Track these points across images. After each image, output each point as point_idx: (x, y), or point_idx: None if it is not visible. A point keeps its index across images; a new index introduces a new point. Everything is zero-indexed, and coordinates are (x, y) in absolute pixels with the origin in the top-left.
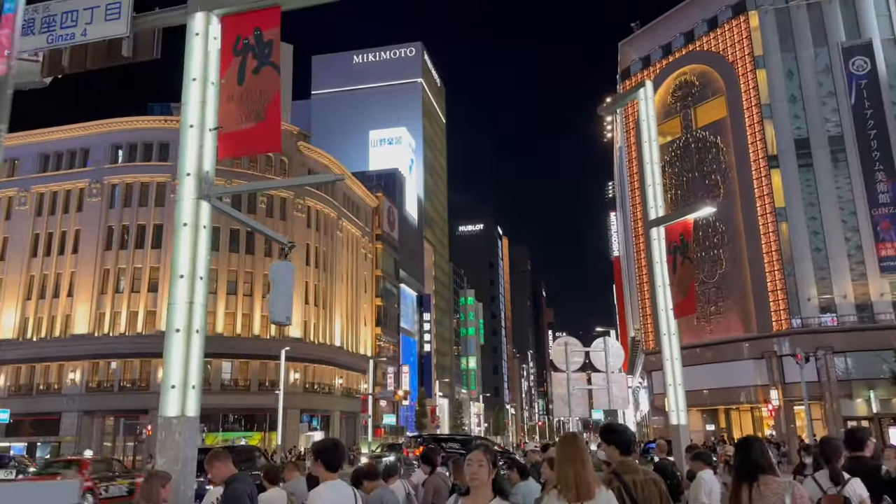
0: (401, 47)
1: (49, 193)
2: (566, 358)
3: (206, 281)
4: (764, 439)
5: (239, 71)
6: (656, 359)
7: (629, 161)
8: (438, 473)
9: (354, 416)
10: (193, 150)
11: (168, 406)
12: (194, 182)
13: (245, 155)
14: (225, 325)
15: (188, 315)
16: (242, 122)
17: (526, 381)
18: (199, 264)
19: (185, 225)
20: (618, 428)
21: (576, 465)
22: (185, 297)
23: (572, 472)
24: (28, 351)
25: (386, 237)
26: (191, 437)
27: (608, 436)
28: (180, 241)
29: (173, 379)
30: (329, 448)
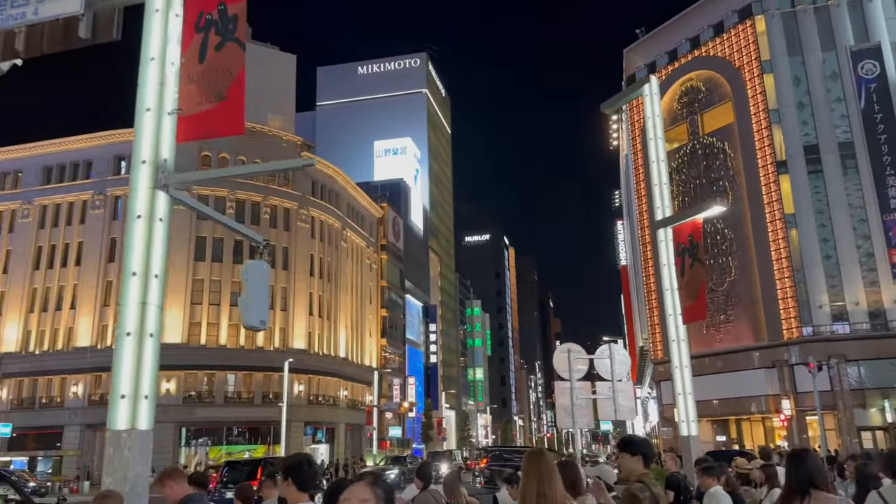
0: (406, 58)
1: (52, 206)
2: (569, 366)
3: (162, 280)
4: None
5: (200, 49)
6: (665, 369)
7: (635, 168)
8: (431, 491)
9: (360, 429)
10: (149, 135)
11: (117, 418)
12: (149, 170)
13: (205, 138)
14: (228, 336)
15: (140, 317)
16: (203, 104)
17: (534, 393)
18: (155, 261)
19: (139, 217)
20: (639, 440)
21: (541, 482)
22: (138, 296)
23: (534, 489)
24: (30, 364)
25: (391, 248)
26: (142, 453)
27: (629, 447)
28: (133, 235)
29: (123, 388)
30: (301, 464)
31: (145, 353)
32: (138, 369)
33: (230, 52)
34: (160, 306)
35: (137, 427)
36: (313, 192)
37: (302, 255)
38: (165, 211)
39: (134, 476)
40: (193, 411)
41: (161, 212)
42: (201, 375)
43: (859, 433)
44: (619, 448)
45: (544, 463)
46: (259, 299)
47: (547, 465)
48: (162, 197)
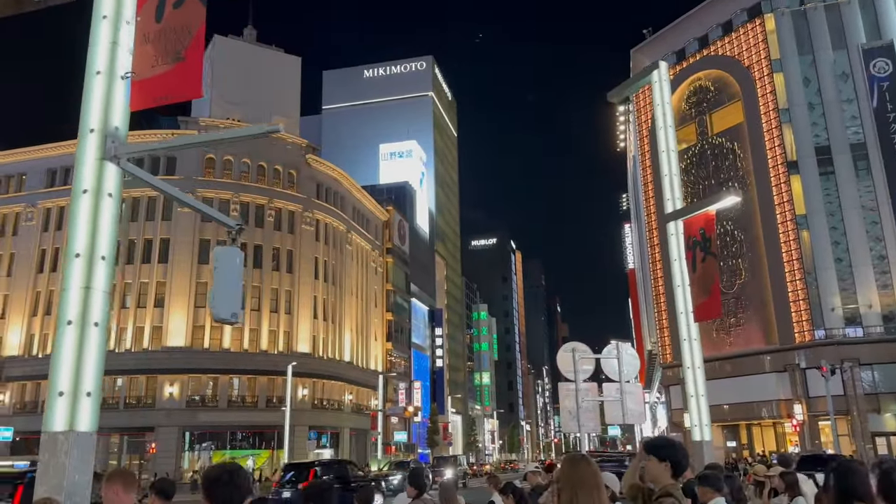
0: (411, 61)
1: (56, 208)
2: (574, 366)
3: (110, 263)
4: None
5: (158, 6)
6: (674, 373)
7: (643, 168)
8: (424, 499)
9: (364, 434)
10: (99, 100)
11: (53, 418)
12: (98, 140)
13: (161, 104)
14: (232, 340)
15: (83, 303)
16: (158, 66)
17: (541, 398)
18: (102, 241)
19: (85, 192)
20: (669, 443)
21: (593, 494)
22: (81, 280)
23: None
24: (33, 368)
25: (396, 251)
26: (83, 459)
27: (660, 451)
28: (78, 212)
29: (61, 384)
30: (222, 478)
31: (88, 345)
32: (79, 363)
33: (190, 8)
34: (107, 292)
35: (77, 429)
36: (318, 194)
37: (306, 258)
38: (116, 185)
39: (72, 485)
40: (197, 415)
41: (110, 186)
42: (205, 379)
43: (873, 438)
44: (646, 451)
45: (595, 470)
46: (231, 289)
47: (598, 473)
48: (111, 169)
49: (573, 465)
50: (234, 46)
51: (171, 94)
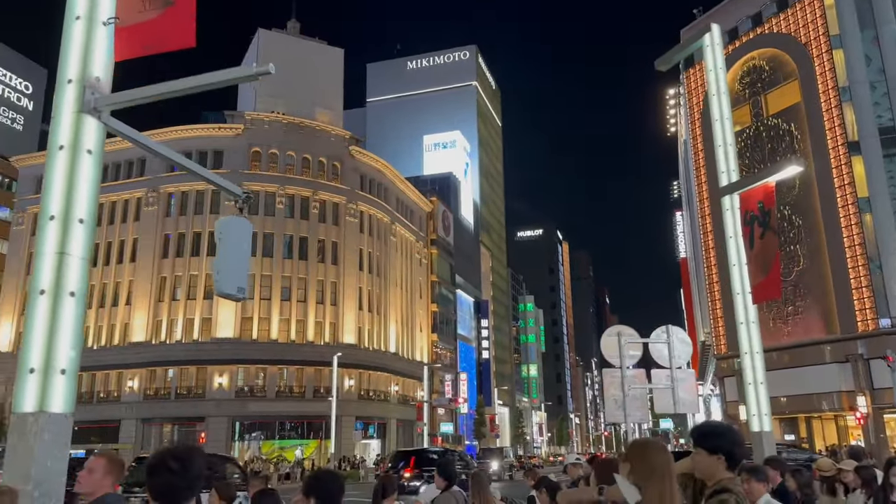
0: (455, 51)
1: (108, 203)
2: (620, 351)
3: (89, 228)
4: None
5: None
6: (728, 364)
7: (695, 153)
8: (453, 491)
9: (411, 425)
10: (78, 48)
11: (23, 398)
12: (75, 91)
13: (149, 53)
14: (279, 331)
15: (57, 270)
16: (146, 11)
17: (590, 390)
18: (79, 202)
19: (61, 148)
20: (721, 430)
21: (665, 483)
22: (55, 245)
23: (669, 495)
24: (89, 359)
25: (441, 242)
26: (56, 443)
27: (708, 441)
28: (53, 169)
29: (32, 360)
30: (165, 465)
31: (63, 317)
32: (52, 336)
33: None
34: (86, 259)
35: (49, 409)
36: (362, 186)
37: (351, 250)
38: (96, 141)
39: (41, 472)
40: (246, 405)
41: (90, 142)
42: (253, 370)
43: None
44: (695, 441)
45: (659, 455)
46: (237, 262)
47: (663, 459)
48: (91, 124)
49: (642, 450)
50: (277, 39)
51: (160, 43)
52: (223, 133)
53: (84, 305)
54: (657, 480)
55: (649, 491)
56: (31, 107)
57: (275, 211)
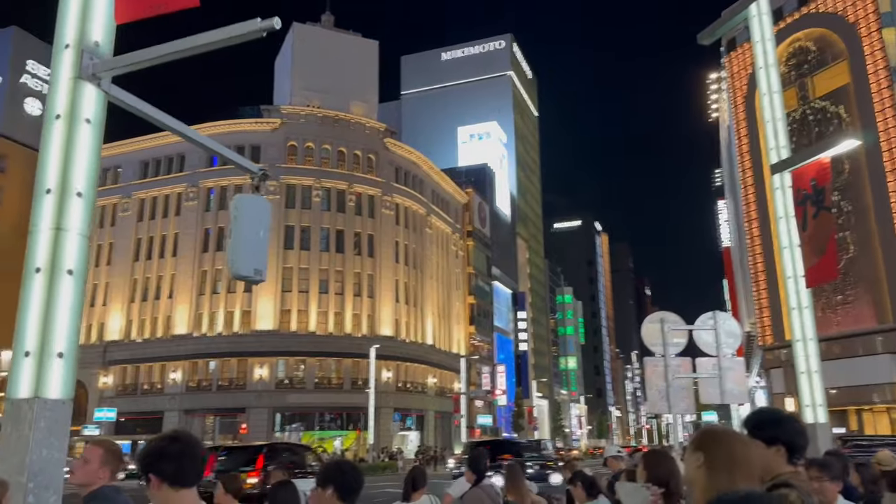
0: (489, 41)
1: (149, 199)
2: (663, 338)
3: (88, 202)
4: None
5: None
6: (773, 356)
7: (738, 138)
8: (484, 486)
9: (449, 417)
10: (75, 10)
11: (18, 383)
12: (73, 56)
13: (154, 13)
14: (318, 323)
15: (53, 247)
16: None
17: (631, 383)
18: (77, 175)
19: (58, 117)
20: (779, 417)
21: (751, 483)
22: (51, 220)
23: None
24: (133, 352)
25: (477, 234)
26: (53, 431)
27: (765, 430)
28: (49, 140)
29: (27, 343)
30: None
31: (60, 297)
32: (49, 317)
33: None
34: (86, 235)
35: (45, 395)
36: (397, 178)
37: (387, 243)
38: (96, 110)
39: (37, 462)
40: (286, 397)
41: (89, 111)
42: (293, 362)
43: None
44: (749, 432)
45: (738, 447)
46: (254, 243)
47: (742, 448)
48: (90, 91)
49: (721, 440)
50: (312, 33)
51: (163, 2)
52: (260, 127)
53: (83, 284)
54: (741, 479)
55: (725, 486)
56: None
57: (311, 204)
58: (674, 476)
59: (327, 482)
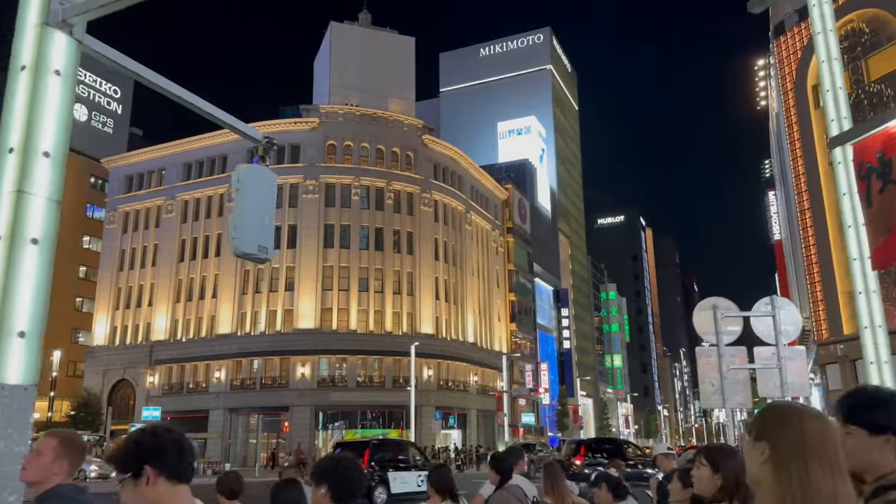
0: (528, 35)
1: (192, 200)
2: (716, 327)
3: (58, 164)
4: None
5: None
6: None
7: (788, 125)
8: (510, 487)
9: (492, 415)
10: None
11: None
12: (40, 1)
13: None
14: (358, 322)
15: (15, 212)
16: None
17: (679, 381)
18: (44, 133)
19: (23, 69)
20: (884, 396)
21: (833, 473)
22: (12, 182)
23: (830, 486)
24: (178, 351)
25: (517, 230)
26: (12, 420)
27: (876, 414)
28: (14, 94)
29: None
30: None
31: (22, 268)
32: (7, 291)
33: None
34: (56, 200)
35: (2, 380)
36: (435, 175)
37: (426, 240)
38: (66, 61)
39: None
40: (328, 395)
41: (58, 62)
42: (334, 360)
43: None
44: (847, 417)
45: (818, 426)
46: (258, 218)
47: (823, 429)
48: (60, 40)
49: (784, 421)
50: (349, 31)
51: None
52: (299, 127)
53: (51, 255)
54: (812, 463)
55: (797, 479)
56: (120, 110)
57: (350, 203)
58: (742, 474)
59: (322, 480)
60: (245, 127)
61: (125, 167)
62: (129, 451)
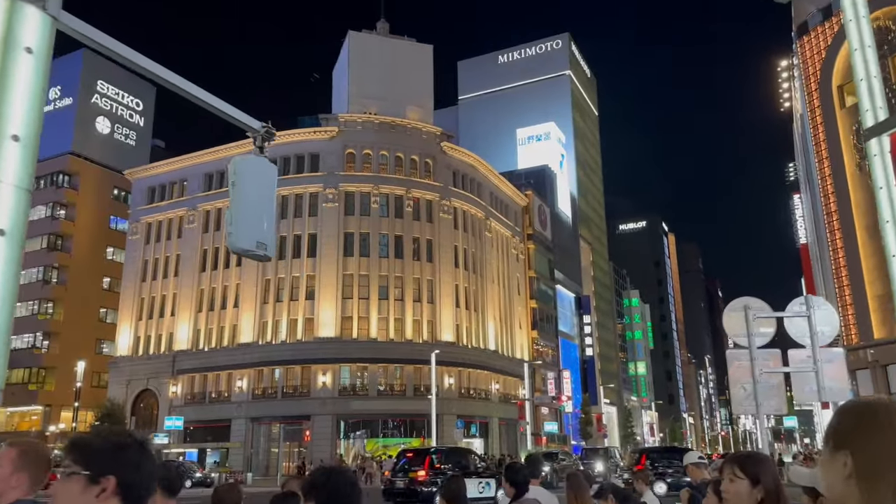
0: (547, 41)
1: (214, 210)
2: (747, 328)
3: (29, 149)
4: None
5: None
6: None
7: (813, 126)
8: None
9: (514, 424)
10: None
11: None
12: None
13: None
14: (378, 330)
15: None
16: None
17: (704, 389)
18: (13, 115)
19: None
20: None
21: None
22: None
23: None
24: (200, 361)
25: (538, 237)
26: None
27: None
28: None
29: None
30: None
31: None
32: None
33: None
34: (26, 189)
35: None
36: (454, 182)
37: (446, 247)
38: (39, 39)
39: None
40: (349, 404)
41: (30, 38)
42: (355, 369)
43: None
44: None
45: None
46: (256, 211)
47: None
48: (33, 15)
49: (872, 425)
50: (367, 40)
51: None
52: (318, 136)
53: (20, 248)
54: None
55: (893, 496)
56: (142, 122)
57: (370, 211)
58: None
59: (311, 494)
60: (240, 114)
61: (147, 178)
62: (102, 447)
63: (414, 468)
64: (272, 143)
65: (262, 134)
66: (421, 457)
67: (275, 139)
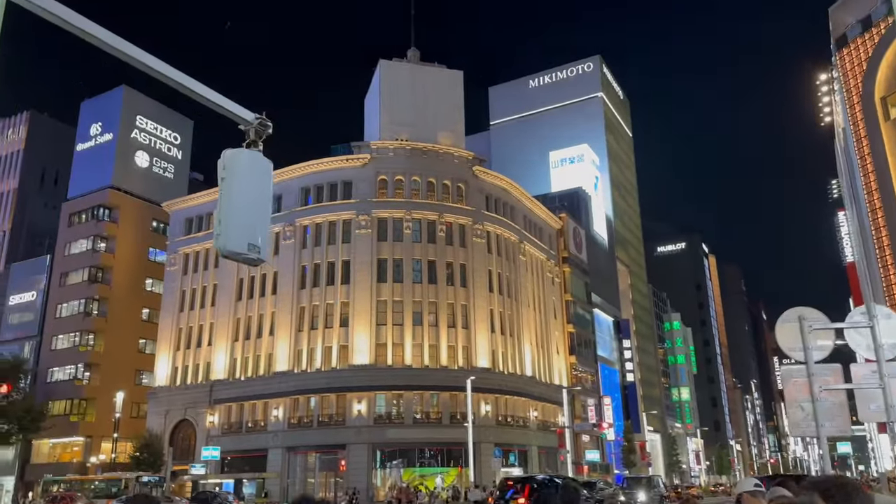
0: (578, 64)
1: None
2: (803, 341)
3: None
4: None
5: None
6: None
7: (856, 140)
8: None
9: (554, 452)
10: None
11: None
12: None
13: None
14: (413, 357)
15: None
16: None
17: (751, 414)
18: None
19: None
20: None
21: None
22: None
23: None
24: (237, 390)
25: (573, 260)
26: None
27: None
28: None
29: None
30: None
31: None
32: None
33: None
34: None
35: None
36: (487, 206)
37: (480, 272)
38: None
39: None
40: (385, 432)
41: None
42: (390, 396)
43: None
44: None
45: None
46: (248, 210)
47: None
48: None
49: None
50: (398, 68)
51: None
52: (351, 164)
53: None
54: None
55: None
56: (181, 156)
57: (403, 236)
58: None
59: None
60: (232, 105)
61: (185, 210)
62: None
63: (516, 495)
64: (266, 135)
65: (255, 126)
66: (520, 486)
67: (269, 131)
